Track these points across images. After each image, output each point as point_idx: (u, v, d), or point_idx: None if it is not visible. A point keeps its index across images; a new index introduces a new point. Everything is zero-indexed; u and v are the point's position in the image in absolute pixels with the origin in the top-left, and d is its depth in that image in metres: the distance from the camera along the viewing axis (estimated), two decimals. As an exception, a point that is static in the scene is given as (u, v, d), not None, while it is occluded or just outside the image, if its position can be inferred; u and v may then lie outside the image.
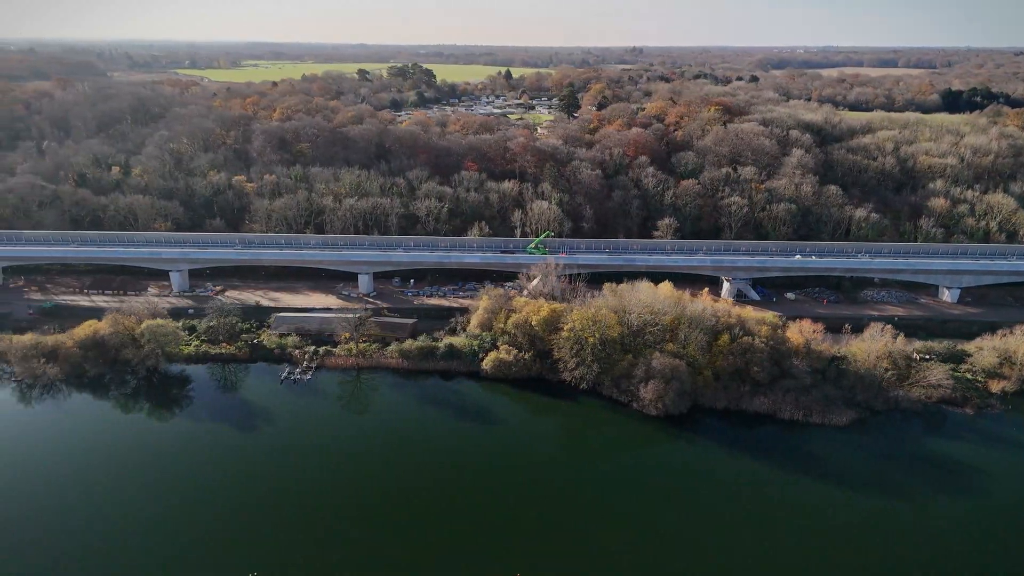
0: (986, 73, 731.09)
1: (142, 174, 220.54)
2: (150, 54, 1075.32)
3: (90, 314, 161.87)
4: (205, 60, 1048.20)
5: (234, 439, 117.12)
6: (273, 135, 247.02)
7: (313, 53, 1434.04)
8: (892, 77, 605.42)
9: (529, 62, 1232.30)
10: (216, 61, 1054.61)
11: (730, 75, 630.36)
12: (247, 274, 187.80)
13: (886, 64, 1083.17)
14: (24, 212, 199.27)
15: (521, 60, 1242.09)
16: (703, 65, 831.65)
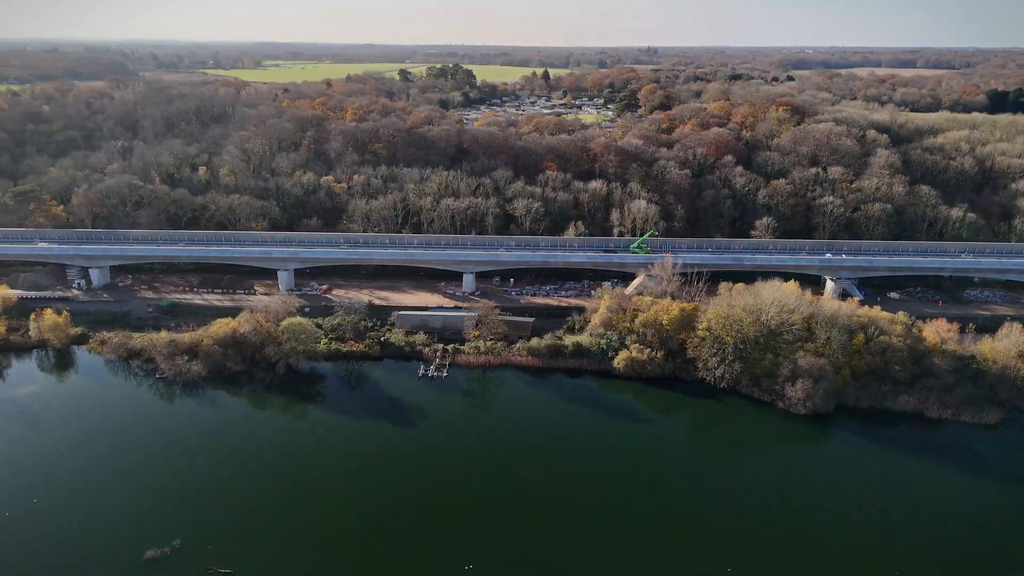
0: (1010, 73, 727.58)
1: (229, 174, 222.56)
2: (175, 54, 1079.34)
3: (206, 312, 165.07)
4: (229, 60, 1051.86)
5: (382, 435, 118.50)
6: (351, 136, 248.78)
7: (328, 53, 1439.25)
8: (933, 78, 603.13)
9: (546, 62, 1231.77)
10: (240, 61, 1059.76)
11: (765, 75, 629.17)
12: (346, 273, 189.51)
13: (905, 65, 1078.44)
14: (122, 212, 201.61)
15: (538, 60, 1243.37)
16: (724, 66, 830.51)
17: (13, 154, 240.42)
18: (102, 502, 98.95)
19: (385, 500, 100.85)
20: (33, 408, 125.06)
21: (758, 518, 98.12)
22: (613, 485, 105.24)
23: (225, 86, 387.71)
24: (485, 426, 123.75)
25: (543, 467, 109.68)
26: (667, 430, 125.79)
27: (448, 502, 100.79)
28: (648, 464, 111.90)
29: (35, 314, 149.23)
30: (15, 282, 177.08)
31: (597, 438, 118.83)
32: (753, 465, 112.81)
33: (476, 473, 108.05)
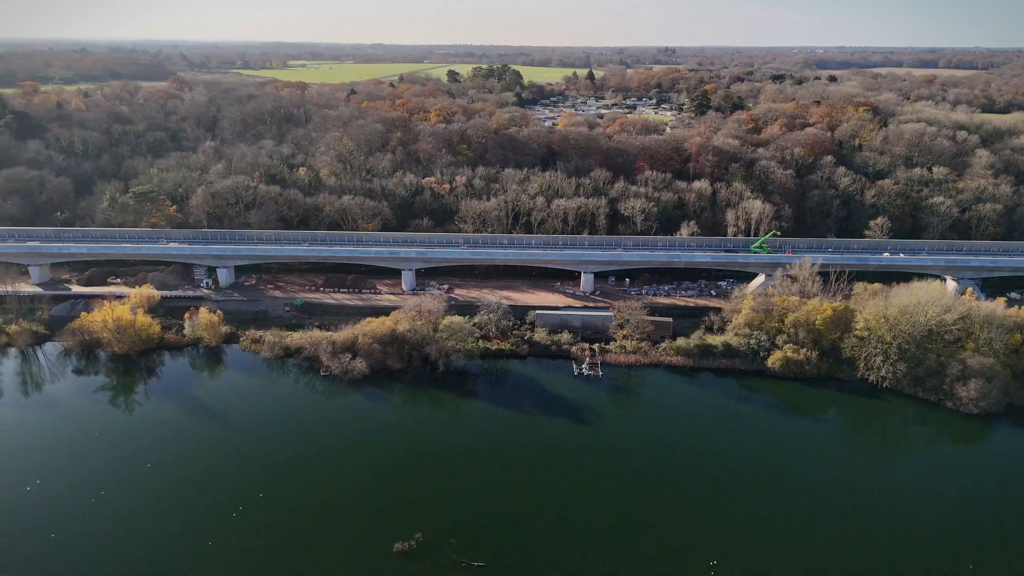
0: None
1: (331, 175, 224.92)
2: (202, 55, 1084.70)
3: (339, 311, 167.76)
4: (257, 61, 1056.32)
5: (560, 430, 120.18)
6: (441, 137, 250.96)
7: (343, 53, 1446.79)
8: (978, 79, 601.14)
9: (566, 62, 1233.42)
10: (268, 61, 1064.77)
11: (806, 75, 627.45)
12: (461, 273, 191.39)
13: (926, 65, 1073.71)
14: (233, 212, 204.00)
15: (557, 60, 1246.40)
16: (749, 65, 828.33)
17: (114, 155, 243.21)
18: (344, 499, 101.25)
19: (585, 493, 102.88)
20: (218, 406, 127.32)
21: (939, 515, 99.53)
22: (793, 482, 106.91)
23: (287, 87, 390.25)
24: (654, 425, 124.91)
25: (723, 465, 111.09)
26: (831, 429, 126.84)
27: (637, 497, 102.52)
28: (815, 463, 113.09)
29: (189, 313, 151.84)
30: (143, 281, 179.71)
31: (773, 438, 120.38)
32: (925, 464, 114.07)
33: (658, 471, 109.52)
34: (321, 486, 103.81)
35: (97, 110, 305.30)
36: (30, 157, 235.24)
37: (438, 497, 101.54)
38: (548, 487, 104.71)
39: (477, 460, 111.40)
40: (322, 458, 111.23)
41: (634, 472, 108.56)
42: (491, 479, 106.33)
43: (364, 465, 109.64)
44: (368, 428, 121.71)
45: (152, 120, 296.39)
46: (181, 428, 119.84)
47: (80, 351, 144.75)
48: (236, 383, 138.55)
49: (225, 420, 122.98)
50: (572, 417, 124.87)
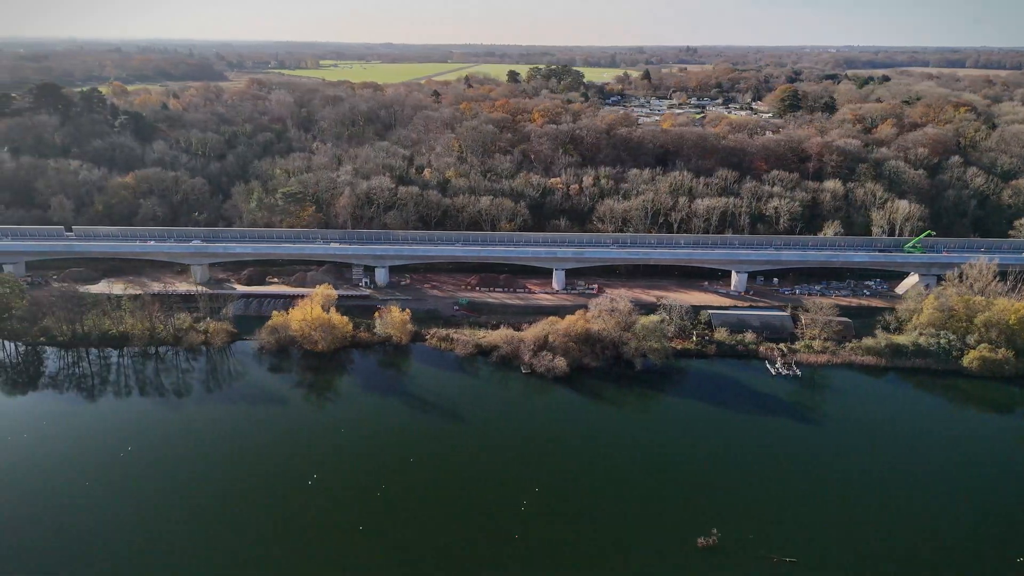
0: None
1: (458, 175, 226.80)
2: (236, 54, 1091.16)
3: (504, 310, 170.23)
4: (292, 61, 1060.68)
5: (783, 431, 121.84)
6: (554, 138, 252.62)
7: (368, 53, 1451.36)
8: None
9: (592, 62, 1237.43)
10: (303, 61, 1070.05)
11: (845, 75, 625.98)
12: (603, 273, 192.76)
13: (953, 64, 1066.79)
14: (373, 212, 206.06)
15: (582, 60, 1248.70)
16: (784, 66, 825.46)
17: (237, 155, 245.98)
18: (629, 494, 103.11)
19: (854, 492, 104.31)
20: (428, 401, 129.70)
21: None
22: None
23: (364, 88, 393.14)
24: (877, 424, 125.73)
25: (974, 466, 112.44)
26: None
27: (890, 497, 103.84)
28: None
29: (380, 312, 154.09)
30: (302, 281, 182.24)
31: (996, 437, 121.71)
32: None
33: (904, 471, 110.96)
34: (595, 482, 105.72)
35: (197, 111, 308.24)
36: (155, 158, 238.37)
37: (710, 493, 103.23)
38: (810, 482, 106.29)
39: (727, 459, 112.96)
40: (571, 454, 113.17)
41: (880, 471, 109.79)
42: (746, 477, 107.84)
43: (627, 463, 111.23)
44: (595, 425, 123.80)
45: (252, 120, 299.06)
46: (398, 422, 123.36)
47: (276, 349, 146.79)
48: (435, 379, 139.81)
49: (444, 415, 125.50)
50: (793, 416, 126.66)
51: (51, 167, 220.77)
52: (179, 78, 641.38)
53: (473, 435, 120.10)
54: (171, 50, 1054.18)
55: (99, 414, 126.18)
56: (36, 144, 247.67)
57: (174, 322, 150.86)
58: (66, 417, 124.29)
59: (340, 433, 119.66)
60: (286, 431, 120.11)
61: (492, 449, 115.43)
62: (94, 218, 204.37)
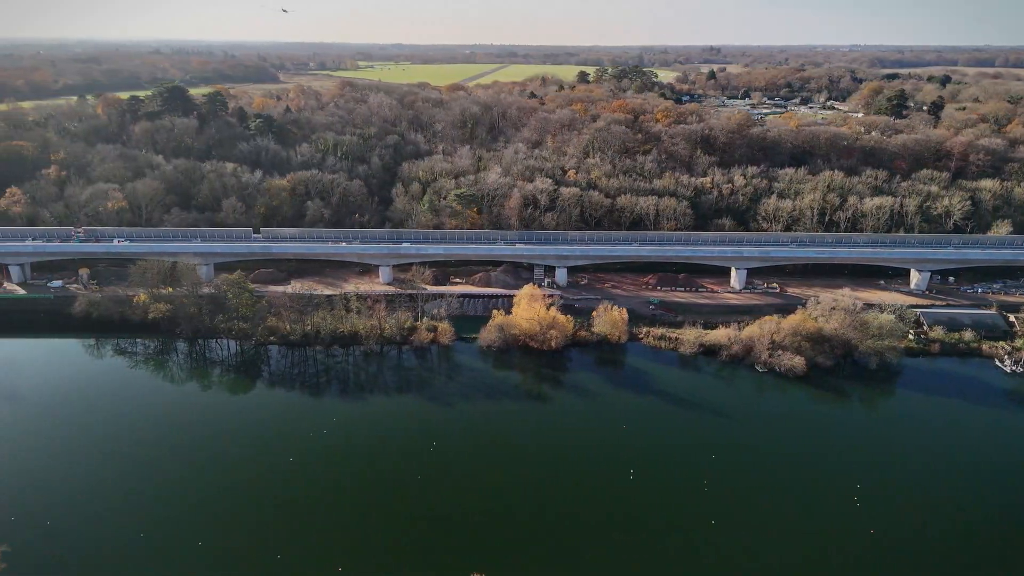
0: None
1: (603, 176, 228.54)
2: (275, 55, 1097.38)
3: (698, 310, 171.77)
4: (333, 62, 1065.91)
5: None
6: (687, 138, 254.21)
7: (402, 54, 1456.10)
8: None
9: (618, 62, 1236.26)
10: (344, 62, 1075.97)
11: (920, 75, 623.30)
12: (773, 272, 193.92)
13: (983, 64, 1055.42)
14: (532, 213, 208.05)
15: (610, 60, 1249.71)
16: (820, 66, 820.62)
17: (381, 157, 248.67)
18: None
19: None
20: (681, 402, 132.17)
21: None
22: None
23: (451, 91, 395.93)
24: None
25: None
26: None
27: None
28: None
29: (597, 311, 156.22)
30: (486, 280, 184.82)
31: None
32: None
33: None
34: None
35: (313, 113, 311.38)
36: (302, 161, 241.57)
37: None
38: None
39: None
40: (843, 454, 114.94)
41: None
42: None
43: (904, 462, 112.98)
44: (849, 423, 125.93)
45: (368, 123, 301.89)
46: (644, 416, 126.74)
47: (501, 347, 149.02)
48: (662, 377, 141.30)
49: (690, 412, 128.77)
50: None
51: (207, 170, 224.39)
52: (238, 80, 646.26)
53: (722, 432, 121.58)
54: (185, 50, 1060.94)
55: (370, 410, 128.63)
56: (178, 147, 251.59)
57: (399, 321, 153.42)
58: (365, 414, 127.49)
59: (592, 429, 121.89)
60: (545, 427, 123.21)
61: (748, 448, 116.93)
62: (259, 220, 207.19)
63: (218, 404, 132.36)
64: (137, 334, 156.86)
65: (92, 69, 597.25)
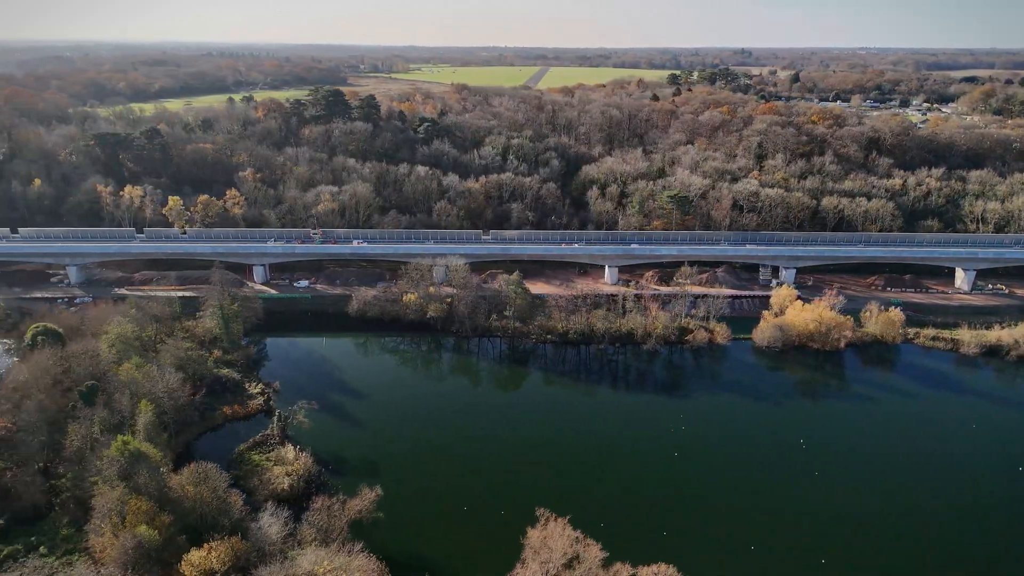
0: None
1: (783, 179, 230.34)
2: (330, 59, 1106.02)
3: (938, 310, 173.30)
4: (384, 65, 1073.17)
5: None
6: (855, 139, 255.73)
7: (438, 57, 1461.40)
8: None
9: (656, 64, 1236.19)
10: (394, 65, 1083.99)
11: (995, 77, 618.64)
12: (989, 273, 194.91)
13: (1018, 67, 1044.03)
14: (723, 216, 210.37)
15: (647, 62, 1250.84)
16: (855, 67, 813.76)
17: (541, 160, 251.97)
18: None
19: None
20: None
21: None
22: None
23: (562, 93, 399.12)
24: None
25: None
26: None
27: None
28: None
29: (866, 312, 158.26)
30: (712, 280, 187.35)
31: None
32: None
33: None
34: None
35: (460, 115, 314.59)
36: (483, 164, 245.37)
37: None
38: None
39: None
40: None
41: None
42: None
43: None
44: None
45: (515, 126, 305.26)
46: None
47: (779, 346, 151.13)
48: (955, 378, 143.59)
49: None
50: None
51: (400, 173, 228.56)
52: (313, 83, 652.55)
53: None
54: (200, 52, 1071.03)
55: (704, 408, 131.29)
56: (357, 150, 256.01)
57: (673, 321, 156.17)
58: (701, 412, 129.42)
59: (906, 433, 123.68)
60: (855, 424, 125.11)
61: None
62: (464, 222, 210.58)
63: (535, 399, 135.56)
64: (406, 332, 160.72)
65: (179, 72, 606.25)
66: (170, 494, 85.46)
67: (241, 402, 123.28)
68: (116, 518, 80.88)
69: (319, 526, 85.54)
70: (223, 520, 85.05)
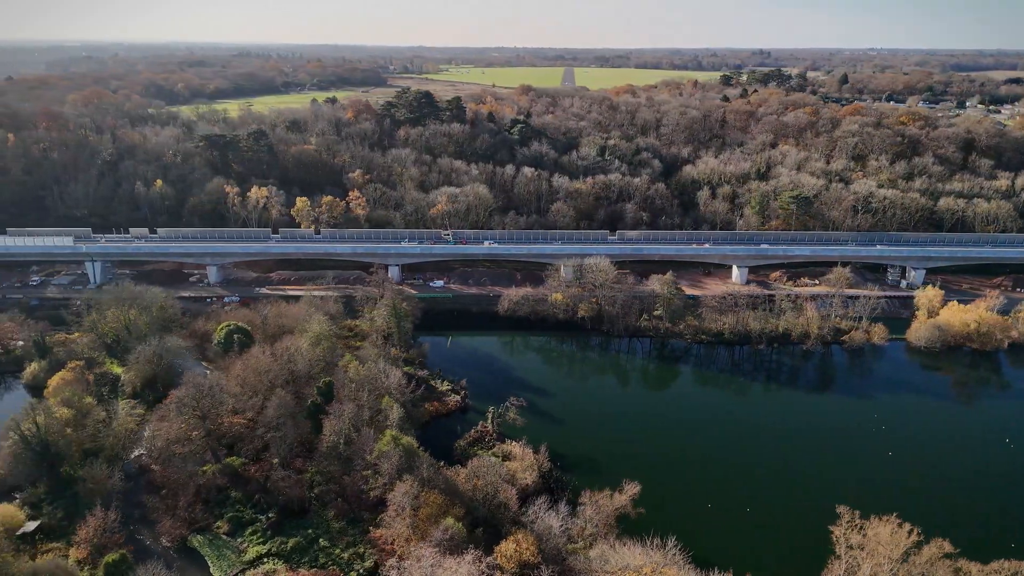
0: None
1: (888, 181, 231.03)
2: (369, 59, 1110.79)
3: None
4: (414, 65, 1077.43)
5: None
6: (951, 140, 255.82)
7: (446, 58, 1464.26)
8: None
9: (678, 65, 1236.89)
10: (425, 65, 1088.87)
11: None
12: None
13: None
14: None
15: (669, 63, 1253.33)
16: (883, 68, 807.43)
17: (638, 160, 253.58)
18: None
19: None
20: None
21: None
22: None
23: (613, 93, 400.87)
24: None
25: None
26: None
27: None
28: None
29: (1019, 311, 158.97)
30: (840, 280, 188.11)
31: None
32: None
33: None
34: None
35: (540, 117, 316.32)
36: (585, 165, 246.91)
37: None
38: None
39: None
40: None
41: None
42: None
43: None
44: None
45: (601, 125, 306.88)
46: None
47: (938, 346, 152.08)
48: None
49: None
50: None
51: (507, 174, 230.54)
52: (357, 84, 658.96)
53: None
54: (217, 51, 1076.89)
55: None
56: (456, 152, 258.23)
57: (831, 321, 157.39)
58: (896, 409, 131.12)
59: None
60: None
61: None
62: (574, 223, 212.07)
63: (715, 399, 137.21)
64: (552, 332, 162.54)
65: (227, 73, 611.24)
66: (455, 487, 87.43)
67: (439, 399, 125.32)
68: (411, 511, 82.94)
69: (590, 520, 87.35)
70: (500, 513, 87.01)
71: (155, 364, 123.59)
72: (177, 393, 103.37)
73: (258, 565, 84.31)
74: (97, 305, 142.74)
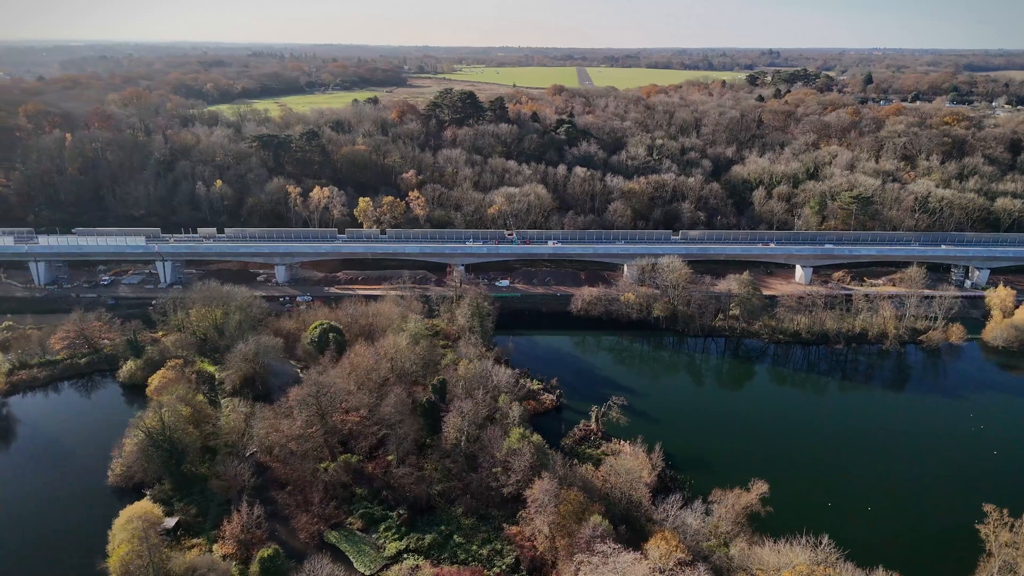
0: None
1: (943, 179, 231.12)
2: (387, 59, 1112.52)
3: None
4: (430, 66, 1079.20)
5: None
6: (999, 140, 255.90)
7: (454, 57, 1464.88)
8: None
9: (689, 64, 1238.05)
10: (440, 65, 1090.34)
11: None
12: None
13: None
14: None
15: (679, 63, 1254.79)
16: (899, 68, 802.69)
17: (686, 162, 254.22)
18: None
19: None
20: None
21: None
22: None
23: (657, 93, 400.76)
24: None
25: None
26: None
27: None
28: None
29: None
30: (900, 279, 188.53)
31: None
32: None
33: None
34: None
35: (580, 117, 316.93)
36: (635, 165, 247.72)
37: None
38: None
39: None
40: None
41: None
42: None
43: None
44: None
45: (644, 126, 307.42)
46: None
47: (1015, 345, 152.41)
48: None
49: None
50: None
51: (559, 175, 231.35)
52: (378, 84, 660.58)
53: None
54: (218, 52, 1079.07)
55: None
56: (504, 152, 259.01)
57: (907, 322, 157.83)
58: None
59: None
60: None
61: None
62: (629, 223, 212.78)
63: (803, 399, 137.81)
64: (624, 331, 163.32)
65: (252, 73, 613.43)
66: (591, 485, 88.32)
67: (534, 397, 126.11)
68: (552, 508, 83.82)
69: (723, 518, 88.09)
70: (636, 511, 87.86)
71: (252, 363, 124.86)
72: (296, 391, 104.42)
73: (399, 561, 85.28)
74: (182, 304, 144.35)
